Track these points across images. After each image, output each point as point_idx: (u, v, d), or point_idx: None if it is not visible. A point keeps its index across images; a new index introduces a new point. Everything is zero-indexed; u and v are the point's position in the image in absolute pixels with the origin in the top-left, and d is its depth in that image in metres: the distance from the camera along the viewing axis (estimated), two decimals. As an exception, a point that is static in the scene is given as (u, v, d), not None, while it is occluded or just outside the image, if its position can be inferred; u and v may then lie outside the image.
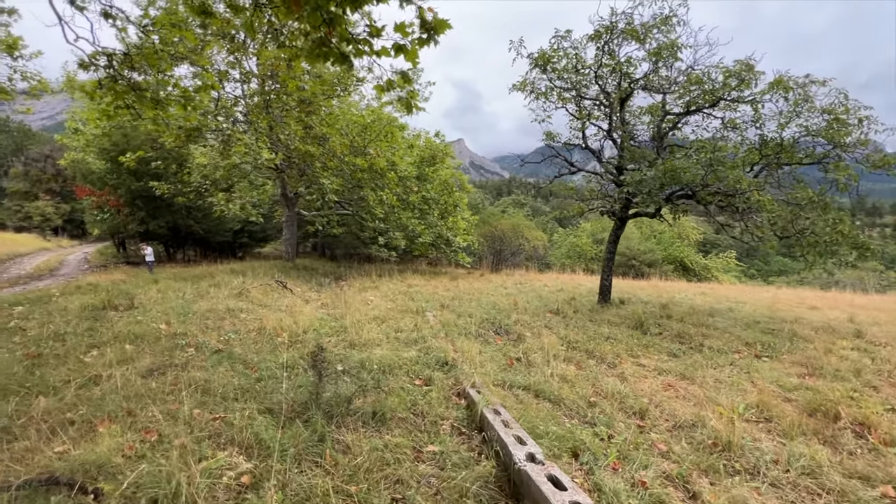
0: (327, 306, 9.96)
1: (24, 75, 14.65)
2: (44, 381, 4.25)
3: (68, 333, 6.01)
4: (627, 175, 9.13)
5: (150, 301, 8.48)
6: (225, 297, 9.18)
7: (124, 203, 19.13)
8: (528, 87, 10.86)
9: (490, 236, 21.69)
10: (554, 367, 6.20)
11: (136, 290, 9.86)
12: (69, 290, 10.31)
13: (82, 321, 6.83)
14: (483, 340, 7.41)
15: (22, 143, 54.68)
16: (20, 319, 7.00)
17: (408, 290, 13.25)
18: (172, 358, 5.03)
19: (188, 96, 8.86)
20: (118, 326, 6.50)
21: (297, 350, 5.81)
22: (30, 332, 6.23)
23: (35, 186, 46.82)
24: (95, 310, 7.67)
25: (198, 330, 6.28)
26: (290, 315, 7.96)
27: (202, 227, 22.21)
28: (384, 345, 6.42)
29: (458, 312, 9.33)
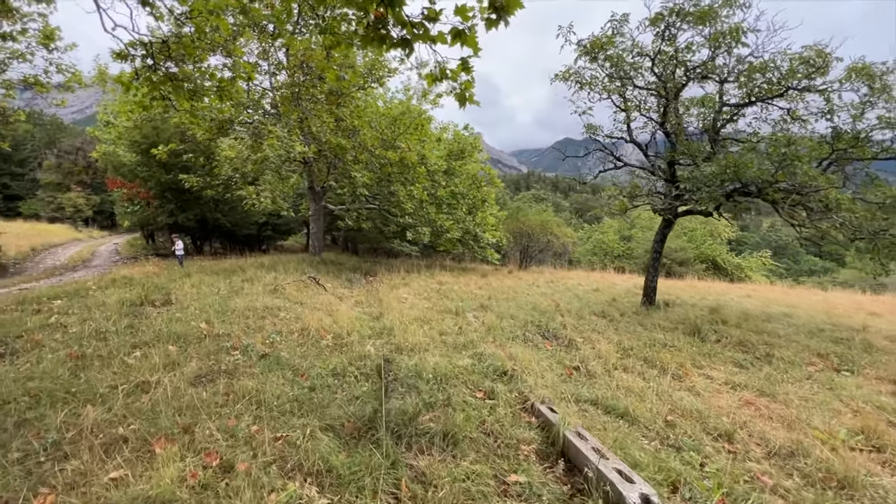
0: (362, 304, 9.66)
1: (59, 68, 14.72)
2: (90, 386, 4.00)
3: (109, 332, 5.81)
4: (684, 170, 8.51)
5: (185, 297, 8.30)
6: (260, 294, 8.95)
7: (154, 195, 19.25)
8: (573, 77, 10.26)
9: (518, 233, 21.14)
10: (616, 377, 5.74)
11: (171, 285, 9.73)
12: (104, 283, 10.26)
13: (122, 318, 6.65)
14: (532, 345, 6.98)
15: (55, 135, 56.17)
16: (60, 314, 6.87)
17: (439, 287, 12.88)
18: (219, 362, 4.75)
19: (224, 86, 8.61)
20: (158, 324, 6.29)
21: (344, 355, 5.48)
22: (71, 328, 6.07)
23: (67, 178, 48.05)
24: (133, 305, 7.51)
25: (240, 330, 6.02)
26: (329, 314, 7.67)
27: (229, 220, 22.26)
28: (432, 349, 6.05)
29: (499, 314, 8.90)
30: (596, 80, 10.56)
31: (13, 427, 3.23)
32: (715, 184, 8.10)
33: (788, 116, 9.36)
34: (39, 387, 3.90)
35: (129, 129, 19.48)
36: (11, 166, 51.91)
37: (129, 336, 5.77)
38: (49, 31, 12.79)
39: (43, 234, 27.02)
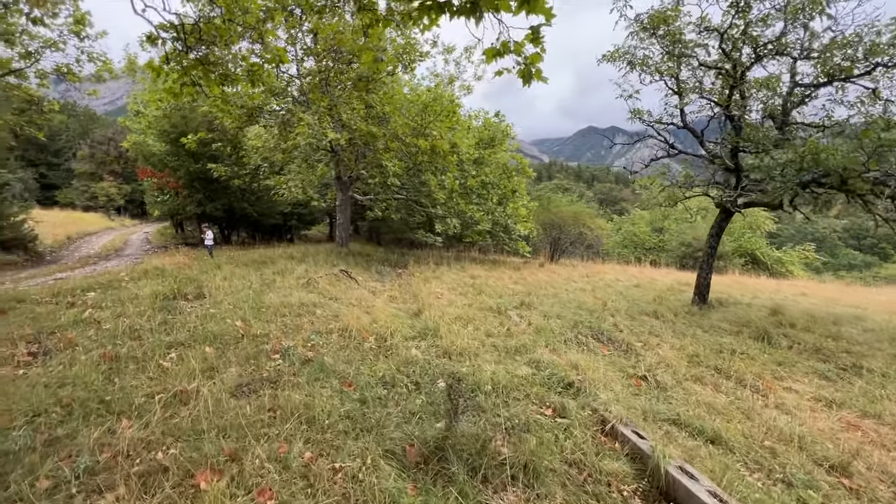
0: (397, 300, 9.23)
1: (90, 56, 14.65)
2: (124, 394, 3.65)
3: (143, 329, 5.51)
4: (754, 159, 7.68)
5: (218, 290, 8.01)
6: (293, 288, 8.62)
7: (183, 185, 19.27)
8: (624, 57, 9.45)
9: (548, 224, 20.36)
10: (690, 390, 5.13)
11: (202, 277, 9.50)
12: (137, 274, 10.12)
13: (155, 313, 6.38)
14: (588, 350, 6.40)
15: (88, 126, 57.70)
16: (94, 308, 6.65)
17: (473, 281, 12.36)
18: (260, 369, 4.36)
19: (256, 70, 8.19)
20: (192, 321, 5.98)
21: (390, 360, 5.03)
22: (104, 324, 5.81)
23: (100, 168, 49.32)
24: (166, 299, 7.25)
25: (278, 330, 5.64)
26: (367, 312, 7.25)
27: (256, 210, 22.21)
28: (482, 354, 5.55)
29: (545, 313, 8.32)
30: (648, 59, 9.71)
31: (43, 446, 2.88)
32: (790, 173, 7.27)
33: (870, 97, 8.36)
34: (72, 395, 3.57)
35: (159, 118, 19.49)
36: (48, 156, 53.60)
37: (164, 334, 5.46)
38: (80, 16, 12.62)
39: (78, 223, 27.68)
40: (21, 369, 4.22)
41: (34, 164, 51.51)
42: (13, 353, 4.56)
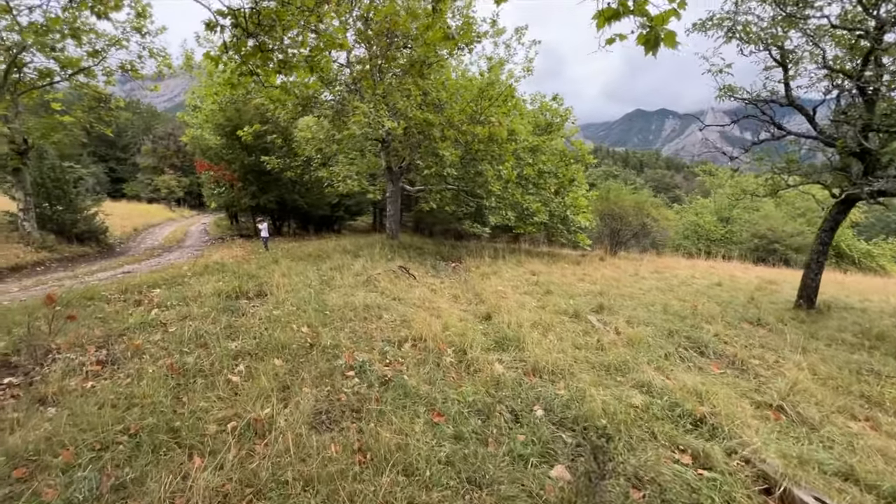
0: (460, 300, 8.61)
1: (151, 52, 14.90)
2: (195, 420, 3.24)
3: (209, 334, 5.20)
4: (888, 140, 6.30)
5: (278, 289, 7.71)
6: (353, 287, 8.20)
7: (238, 178, 19.59)
8: (724, 24, 8.16)
9: (607, 214, 19.00)
10: (842, 427, 4.14)
11: (261, 273, 9.32)
12: (198, 268, 10.12)
13: (219, 314, 6.11)
14: (694, 367, 5.49)
15: (150, 122, 61.14)
16: (160, 308, 6.49)
17: (534, 278, 11.54)
18: (336, 390, 3.85)
19: (315, 56, 7.71)
20: (255, 324, 5.63)
21: (475, 379, 4.40)
22: (170, 326, 5.57)
23: (161, 162, 52.18)
24: (229, 298, 7.01)
25: (347, 339, 5.15)
26: (435, 315, 6.68)
27: (306, 202, 22.35)
28: (577, 372, 4.80)
29: (628, 318, 7.40)
30: (750, 26, 8.35)
31: (110, 492, 2.46)
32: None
33: None
34: (140, 420, 3.19)
35: (214, 112, 19.84)
36: (116, 152, 57.32)
37: (229, 340, 5.13)
38: (141, 9, 12.70)
39: (143, 215, 29.20)
40: (90, 381, 3.95)
41: (104, 160, 55.25)
42: (82, 361, 4.32)
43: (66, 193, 15.59)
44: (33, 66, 13.65)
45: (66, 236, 15.01)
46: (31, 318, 5.59)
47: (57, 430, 3.02)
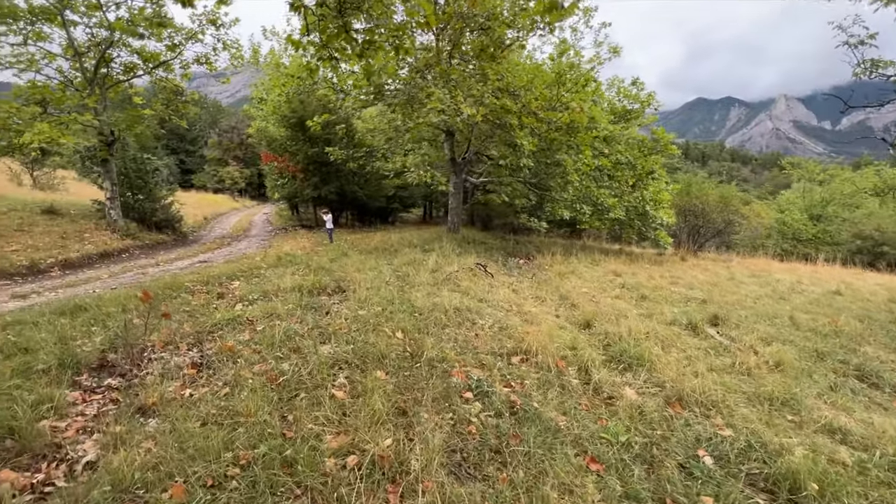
0: (546, 302, 7.83)
1: (225, 44, 15.10)
2: (309, 449, 2.74)
3: (298, 335, 4.80)
4: None
5: (356, 285, 7.30)
6: (432, 285, 7.65)
7: (300, 169, 19.77)
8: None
9: (687, 210, 17.29)
10: None
11: (333, 267, 9.03)
12: (271, 260, 10.03)
13: (304, 312, 5.75)
14: (872, 403, 4.41)
15: (216, 116, 64.51)
16: (243, 303, 6.25)
17: (620, 280, 10.51)
18: (460, 417, 3.25)
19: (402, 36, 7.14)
20: (343, 326, 5.19)
21: (616, 410, 3.66)
22: (257, 324, 5.25)
23: (226, 154, 54.91)
24: (310, 294, 6.67)
25: (451, 350, 4.55)
26: (528, 320, 5.97)
27: (365, 193, 22.29)
28: (733, 405, 3.91)
29: (754, 332, 6.31)
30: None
31: (231, 552, 1.98)
32: None
33: None
34: (249, 447, 2.75)
35: (280, 104, 20.11)
36: (186, 144, 60.96)
37: (321, 342, 4.70)
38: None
39: (211, 204, 30.60)
40: (188, 388, 3.61)
41: (175, 152, 58.87)
42: (178, 363, 4.02)
43: (147, 183, 16.31)
44: (119, 60, 14.22)
45: (146, 224, 15.71)
46: (125, 310, 5.47)
47: (162, 454, 2.62)
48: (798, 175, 29.76)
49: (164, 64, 15.03)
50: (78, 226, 13.21)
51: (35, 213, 13.26)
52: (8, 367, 3.56)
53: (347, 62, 8.63)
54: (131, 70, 14.42)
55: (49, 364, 3.69)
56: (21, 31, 12.16)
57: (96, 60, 13.37)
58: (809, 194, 26.81)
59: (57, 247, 11.08)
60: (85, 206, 15.64)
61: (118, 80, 14.37)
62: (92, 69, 13.48)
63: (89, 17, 13.13)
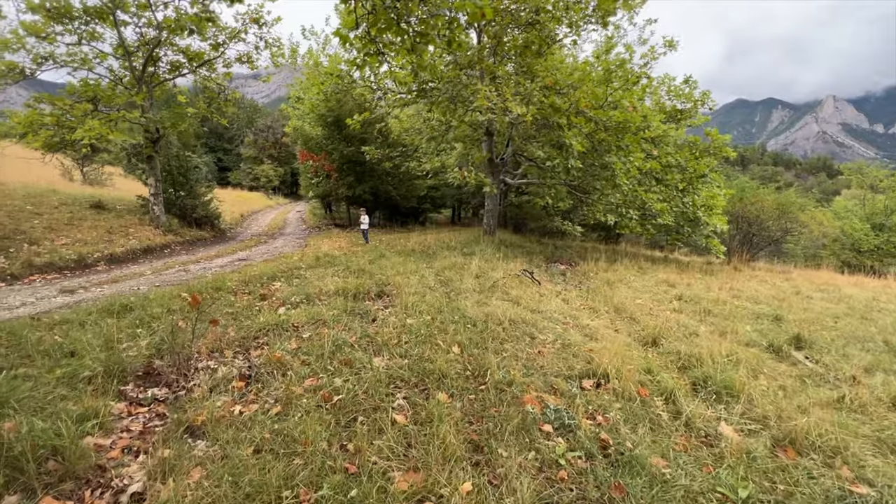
0: (600, 314, 7.26)
1: (267, 42, 15.16)
2: (377, 489, 2.37)
3: (347, 346, 4.46)
4: None
5: (399, 289, 6.96)
6: (479, 292, 7.23)
7: (336, 168, 19.75)
8: None
9: (741, 217, 16.17)
10: None
11: (372, 269, 8.74)
12: (310, 260, 9.84)
13: (350, 319, 5.44)
14: None
15: (252, 116, 66.20)
16: (285, 305, 6.00)
17: (674, 290, 9.78)
18: (546, 459, 2.80)
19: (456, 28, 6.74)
20: (392, 335, 4.84)
21: (722, 454, 3.12)
22: (303, 332, 4.97)
23: (261, 153, 56.26)
24: (355, 299, 6.36)
25: (517, 371, 4.10)
26: (589, 335, 5.46)
27: (398, 193, 22.10)
28: (859, 452, 3.30)
29: (857, 362, 5.56)
30: None
31: None
32: None
33: None
34: (309, 486, 2.39)
35: (317, 103, 20.17)
36: (224, 143, 62.90)
37: (372, 354, 4.35)
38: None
39: (246, 202, 31.21)
40: (237, 405, 3.31)
41: (213, 150, 60.74)
42: (225, 374, 3.74)
43: (188, 180, 16.60)
44: (166, 59, 14.49)
45: (186, 220, 15.97)
46: (170, 311, 5.30)
47: (216, 490, 2.30)
48: (857, 181, 27.67)
49: (208, 63, 15.24)
50: (123, 221, 13.50)
51: (84, 207, 13.64)
52: (54, 375, 3.36)
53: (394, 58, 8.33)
54: (177, 69, 14.66)
55: (95, 371, 3.47)
56: (76, 31, 12.50)
57: (144, 59, 13.64)
58: (871, 202, 24.84)
59: (103, 241, 11.29)
60: (130, 201, 16.05)
61: (164, 78, 14.64)
62: (140, 68, 13.76)
63: (139, 17, 13.41)
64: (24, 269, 8.69)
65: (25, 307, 6.21)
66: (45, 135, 11.17)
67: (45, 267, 8.97)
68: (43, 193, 13.78)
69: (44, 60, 11.96)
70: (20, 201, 12.27)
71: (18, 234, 10.20)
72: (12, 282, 8.15)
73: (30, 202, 12.47)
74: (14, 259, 8.88)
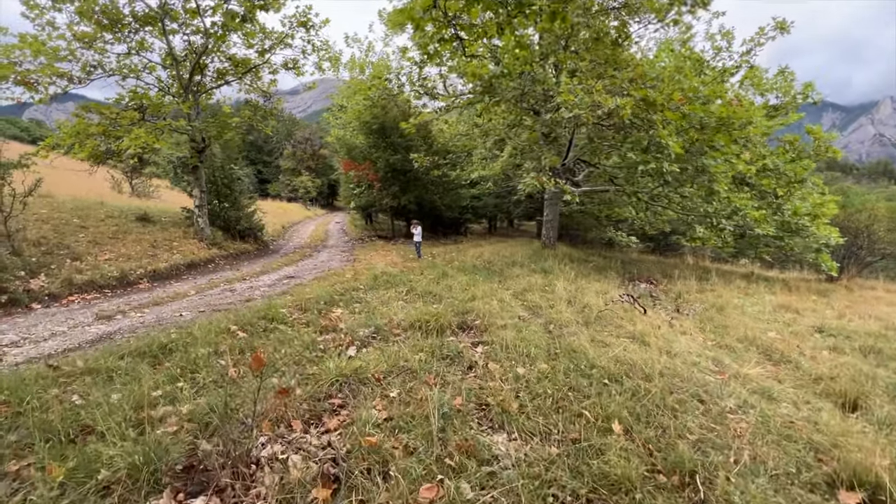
0: (736, 352, 5.69)
1: (314, 46, 14.46)
2: None
3: (456, 415, 3.17)
4: None
5: (483, 319, 5.65)
6: (586, 325, 5.82)
7: (381, 177, 18.83)
8: None
9: (847, 227, 13.93)
10: None
11: (438, 290, 7.50)
12: (365, 279, 8.72)
13: (440, 365, 4.15)
14: None
15: (290, 129, 67.50)
16: (356, 345, 4.78)
17: (801, 318, 8.01)
18: None
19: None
20: (507, 400, 3.52)
21: None
22: (388, 387, 3.72)
23: (299, 164, 56.97)
24: (437, 334, 5.09)
25: (735, 477, 2.67)
26: (768, 396, 3.95)
27: (444, 203, 20.98)
28: None
29: None
30: None
31: None
32: None
33: None
34: None
35: (360, 111, 19.44)
36: (263, 156, 64.32)
37: (492, 428, 3.05)
38: None
39: (287, 213, 31.00)
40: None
41: (254, 163, 62.10)
42: (304, 477, 2.51)
43: (233, 191, 16.07)
44: (213, 67, 14.01)
45: (230, 233, 15.37)
46: (217, 352, 4.19)
47: None
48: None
49: (254, 70, 14.69)
50: (168, 234, 12.94)
51: (130, 220, 13.19)
52: (54, 478, 2.23)
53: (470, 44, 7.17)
54: (223, 76, 14.15)
55: (117, 471, 2.32)
56: (125, 39, 12.12)
57: (191, 67, 13.16)
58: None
59: (147, 256, 10.63)
60: (175, 213, 15.64)
61: (211, 87, 14.15)
62: (187, 76, 13.30)
63: (186, 26, 12.98)
64: (64, 289, 7.99)
65: (54, 339, 5.31)
66: (91, 144, 10.70)
67: (85, 286, 8.25)
68: (91, 206, 13.45)
69: (93, 69, 11.58)
70: (67, 214, 11.88)
71: (62, 248, 9.64)
72: (49, 303, 7.42)
73: (77, 215, 12.06)
74: (55, 277, 8.21)
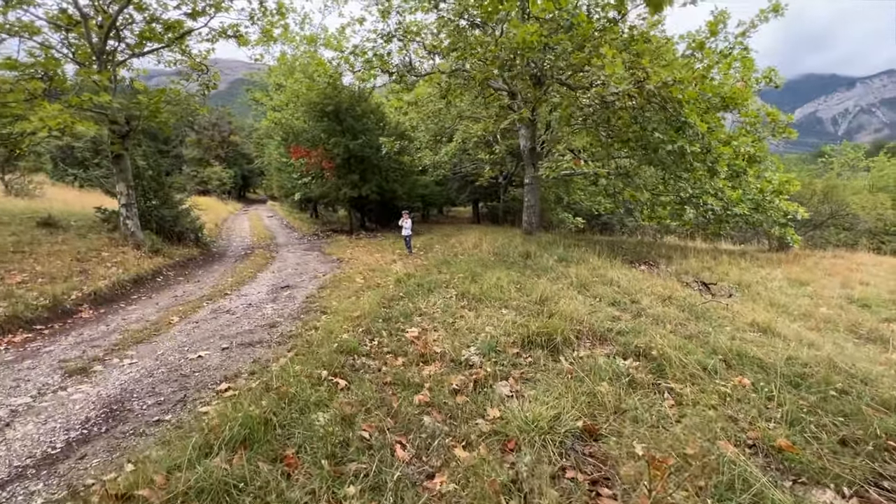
0: (822, 333, 5.71)
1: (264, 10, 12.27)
2: None
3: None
4: None
5: (582, 330, 4.94)
6: (697, 321, 5.38)
7: (337, 165, 16.87)
8: None
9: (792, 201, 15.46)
10: None
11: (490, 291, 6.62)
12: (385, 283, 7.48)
13: (644, 405, 3.37)
14: None
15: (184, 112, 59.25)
16: (489, 385, 3.77)
17: (808, 288, 8.53)
18: None
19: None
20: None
21: None
22: (581, 463, 2.85)
23: (206, 153, 50.44)
24: (555, 349, 4.25)
25: None
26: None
27: (403, 192, 19.62)
28: None
29: None
30: None
31: None
32: None
33: None
34: None
35: (303, 90, 17.21)
36: (158, 144, 55.73)
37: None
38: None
39: (212, 209, 26.92)
40: None
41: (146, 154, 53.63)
42: None
43: (162, 186, 13.26)
44: (133, 28, 11.14)
45: (165, 235, 12.65)
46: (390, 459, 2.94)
47: None
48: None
49: (184, 36, 12.00)
50: (89, 242, 10.14)
51: (30, 226, 10.12)
52: None
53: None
54: (147, 39, 11.32)
55: None
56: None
57: (106, 28, 10.29)
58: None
59: (76, 273, 8.11)
60: (86, 215, 12.49)
61: (132, 53, 11.29)
62: (99, 41, 10.38)
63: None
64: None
65: (22, 423, 3.48)
66: (-27, 127, 7.75)
67: (6, 324, 5.90)
68: (-39, 210, 10.06)
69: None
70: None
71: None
72: (-39, 356, 5.12)
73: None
74: (-49, 316, 5.75)
